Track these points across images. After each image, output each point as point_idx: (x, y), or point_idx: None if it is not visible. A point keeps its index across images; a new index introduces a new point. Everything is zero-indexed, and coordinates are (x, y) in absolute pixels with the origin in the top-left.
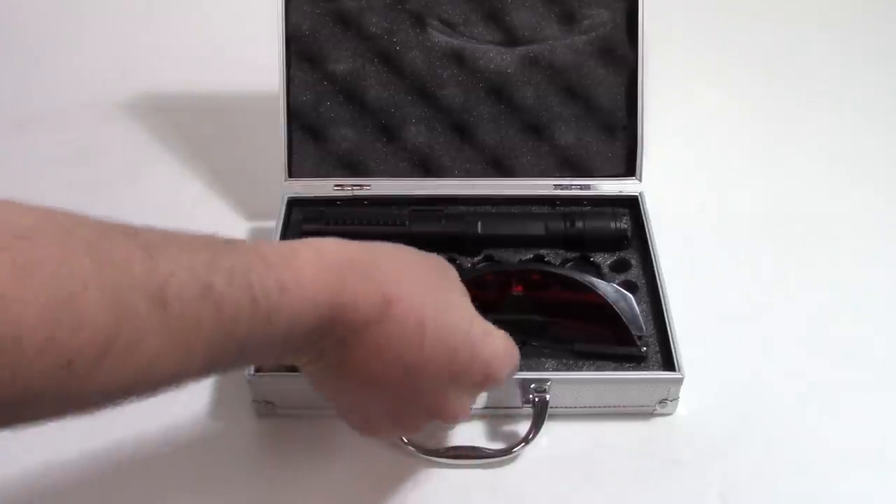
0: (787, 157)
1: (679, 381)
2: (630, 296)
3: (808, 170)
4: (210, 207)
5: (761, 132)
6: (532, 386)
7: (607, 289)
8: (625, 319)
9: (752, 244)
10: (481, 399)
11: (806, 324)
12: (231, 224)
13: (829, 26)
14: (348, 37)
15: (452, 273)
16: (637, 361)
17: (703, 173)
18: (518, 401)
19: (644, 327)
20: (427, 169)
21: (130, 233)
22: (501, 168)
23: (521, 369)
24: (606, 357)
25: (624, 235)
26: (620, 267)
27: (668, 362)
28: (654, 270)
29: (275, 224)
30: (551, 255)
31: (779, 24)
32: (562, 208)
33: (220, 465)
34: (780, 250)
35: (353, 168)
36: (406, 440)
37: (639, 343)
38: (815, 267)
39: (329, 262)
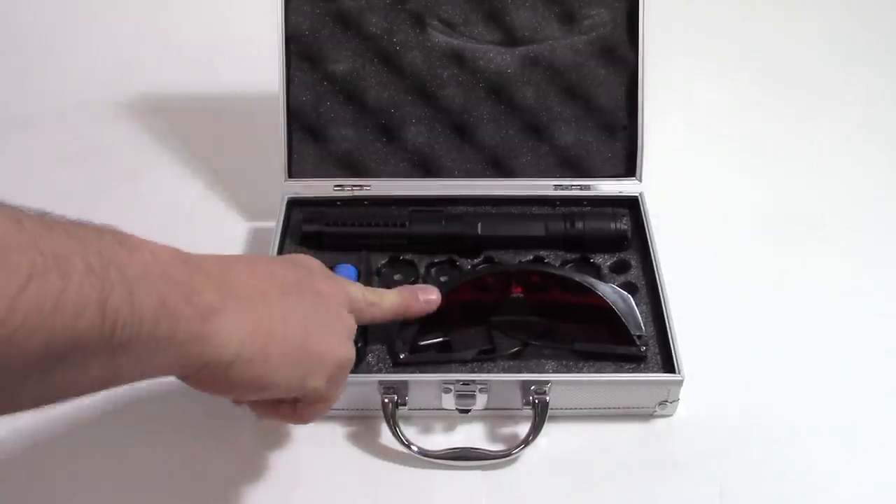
0: (787, 157)
1: (679, 383)
2: (629, 296)
3: (807, 170)
4: (210, 207)
5: (761, 132)
6: (532, 387)
7: (606, 289)
8: (624, 319)
9: (751, 244)
10: (481, 400)
11: (806, 324)
12: (231, 224)
13: (829, 26)
14: (348, 37)
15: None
16: (636, 361)
17: (703, 174)
18: (518, 402)
19: (643, 327)
20: (427, 169)
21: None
22: (501, 168)
23: (521, 371)
24: (606, 357)
25: (624, 236)
26: (620, 268)
27: (668, 364)
28: (654, 271)
29: (275, 224)
30: (551, 257)
31: (779, 24)
32: (562, 209)
33: (220, 466)
34: (780, 250)
35: (353, 168)
36: (407, 441)
37: (638, 343)
38: (815, 267)
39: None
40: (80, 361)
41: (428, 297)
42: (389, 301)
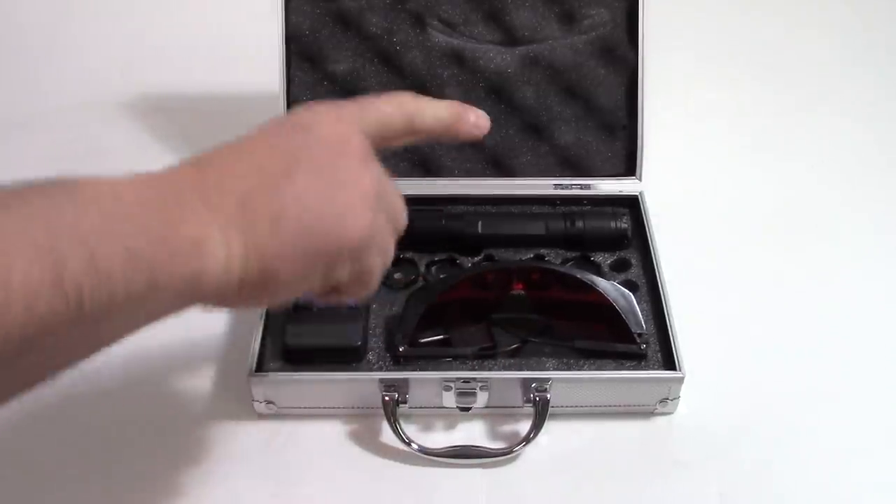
0: (787, 156)
1: (680, 381)
2: (630, 294)
3: (808, 169)
4: None
5: (761, 132)
6: (533, 385)
7: (607, 286)
8: (624, 317)
9: (752, 244)
10: (482, 398)
11: (806, 323)
12: None
13: (829, 25)
14: (348, 37)
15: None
16: (637, 359)
17: (703, 173)
18: (519, 400)
19: (644, 325)
20: (427, 168)
21: None
22: (501, 168)
23: (522, 368)
24: (606, 354)
25: (624, 235)
26: (621, 266)
27: (669, 361)
28: (654, 270)
29: None
30: (551, 255)
31: (778, 23)
32: (562, 208)
33: (220, 465)
34: (781, 249)
35: None
36: (407, 438)
37: (638, 341)
38: (815, 266)
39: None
40: (51, 342)
41: (480, 121)
42: (434, 111)
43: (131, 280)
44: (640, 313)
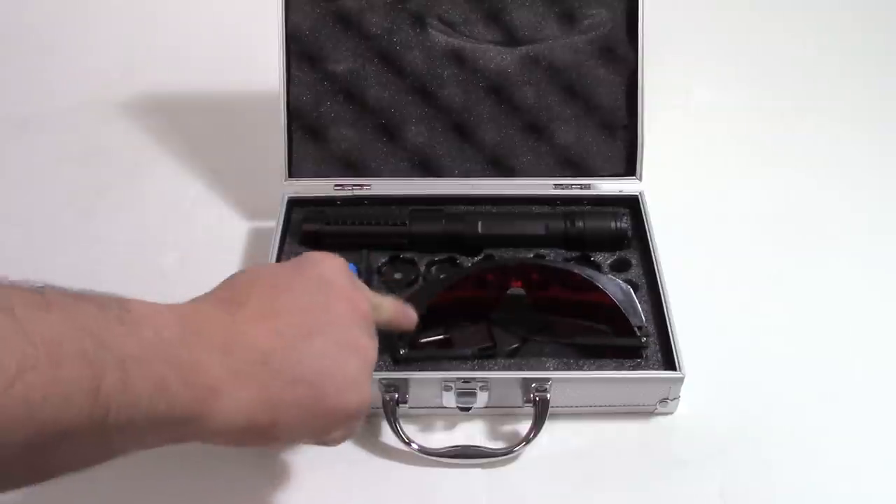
0: (786, 156)
1: (680, 381)
2: (629, 287)
3: (807, 169)
4: (210, 207)
5: (761, 132)
6: (533, 385)
7: (605, 281)
8: (624, 311)
9: (751, 244)
10: (482, 398)
11: (806, 322)
12: (231, 224)
13: (828, 27)
14: (348, 37)
15: (333, 297)
16: (638, 352)
17: (703, 173)
18: (519, 400)
19: (643, 318)
20: (427, 169)
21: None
22: (501, 168)
23: (522, 368)
24: (607, 349)
25: (624, 235)
26: (621, 266)
27: (669, 361)
28: (654, 270)
29: (275, 224)
30: (552, 255)
31: (778, 24)
32: (562, 208)
33: (220, 465)
34: (780, 250)
35: (354, 168)
36: (407, 438)
37: (638, 334)
38: (814, 266)
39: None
40: (69, 445)
41: (412, 316)
42: (388, 309)
43: (152, 407)
44: (639, 306)
